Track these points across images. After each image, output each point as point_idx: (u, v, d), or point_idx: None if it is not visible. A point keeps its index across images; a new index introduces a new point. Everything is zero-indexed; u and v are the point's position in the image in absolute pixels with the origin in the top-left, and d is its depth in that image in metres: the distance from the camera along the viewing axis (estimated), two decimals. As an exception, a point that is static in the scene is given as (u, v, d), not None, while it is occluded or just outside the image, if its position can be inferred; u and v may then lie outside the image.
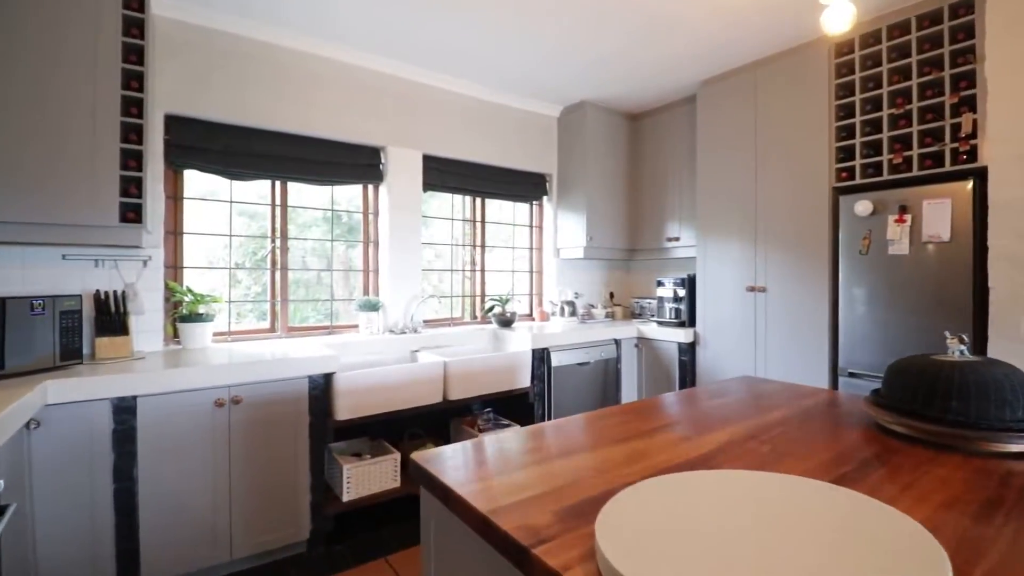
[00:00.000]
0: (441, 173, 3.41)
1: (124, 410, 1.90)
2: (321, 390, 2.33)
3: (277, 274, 2.95)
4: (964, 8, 2.28)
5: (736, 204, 3.14)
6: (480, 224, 3.77)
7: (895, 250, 2.46)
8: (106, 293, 2.27)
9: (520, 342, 3.14)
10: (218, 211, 2.80)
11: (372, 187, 3.25)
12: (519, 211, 4.02)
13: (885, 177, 2.51)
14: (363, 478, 2.49)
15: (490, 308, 3.55)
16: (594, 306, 4.01)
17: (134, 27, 2.13)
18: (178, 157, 2.53)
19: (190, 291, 2.52)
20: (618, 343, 3.50)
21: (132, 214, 2.13)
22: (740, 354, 3.11)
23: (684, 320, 3.48)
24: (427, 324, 3.39)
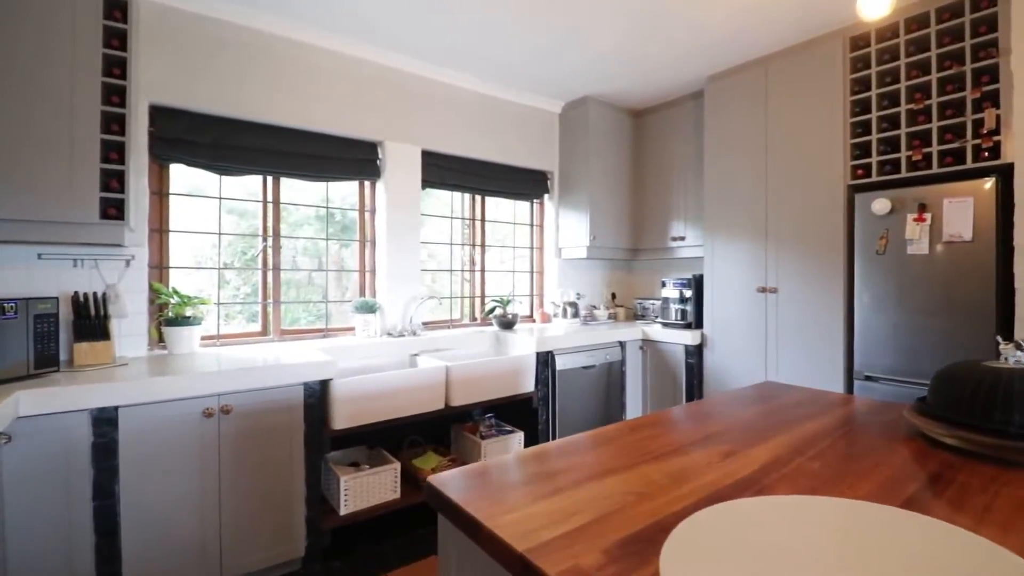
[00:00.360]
0: (440, 170, 3.29)
1: (104, 422, 1.75)
2: (317, 398, 2.20)
3: (269, 274, 2.80)
4: (986, 0, 2.21)
5: (746, 202, 3.06)
6: (480, 223, 3.65)
7: (914, 250, 2.38)
8: (85, 295, 2.11)
9: (523, 345, 3.02)
10: (206, 208, 2.65)
11: (369, 184, 3.11)
12: (519, 210, 3.91)
13: (903, 175, 2.43)
14: (361, 490, 2.35)
15: (491, 310, 3.43)
16: (596, 307, 3.91)
17: (116, 9, 1.99)
18: (164, 150, 2.38)
19: (176, 292, 2.38)
20: (623, 345, 3.40)
21: (113, 210, 1.98)
22: (750, 356, 3.02)
23: (690, 322, 3.38)
24: (425, 326, 3.27)
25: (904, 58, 2.43)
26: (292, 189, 2.89)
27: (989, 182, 2.18)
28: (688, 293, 3.40)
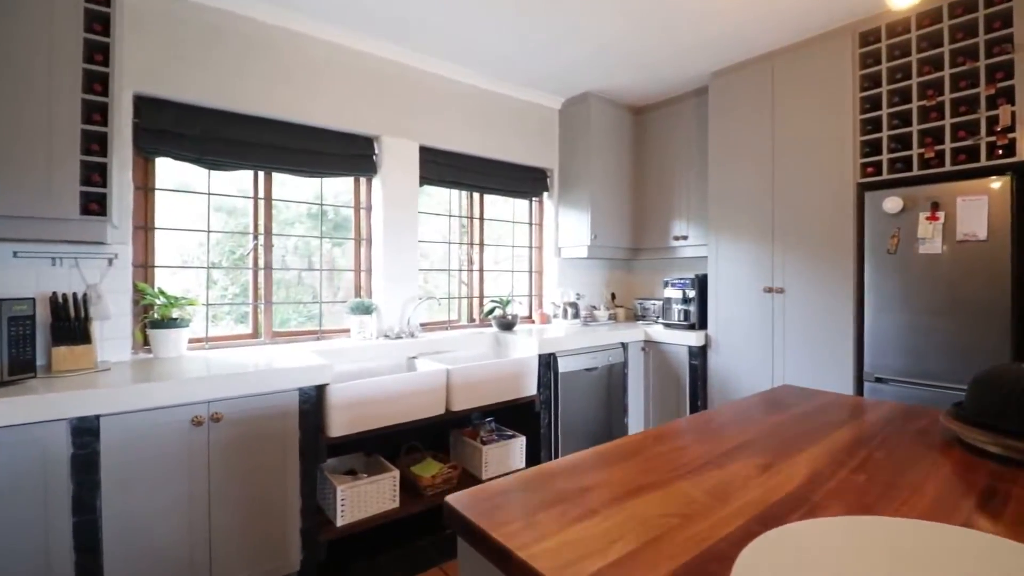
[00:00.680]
0: (438, 166, 3.19)
1: (85, 432, 1.63)
2: (313, 404, 2.09)
3: (260, 274, 2.68)
4: (1001, -6, 2.17)
5: (751, 201, 3.00)
6: (479, 221, 3.56)
7: (926, 249, 2.33)
8: (64, 296, 1.99)
9: (525, 347, 2.93)
10: (193, 205, 2.53)
11: (365, 180, 3.00)
12: (518, 208, 3.82)
13: (915, 172, 2.38)
14: (359, 499, 2.25)
15: (490, 310, 3.34)
16: (596, 308, 3.83)
17: (98, -9, 1.86)
18: (149, 142, 2.26)
19: (162, 293, 2.25)
20: (625, 347, 3.32)
21: (95, 205, 1.86)
22: (755, 358, 2.96)
23: (694, 322, 3.32)
24: (423, 328, 3.16)
25: (916, 54, 2.38)
26: (283, 187, 2.77)
27: (1004, 180, 2.14)
28: (691, 293, 3.34)
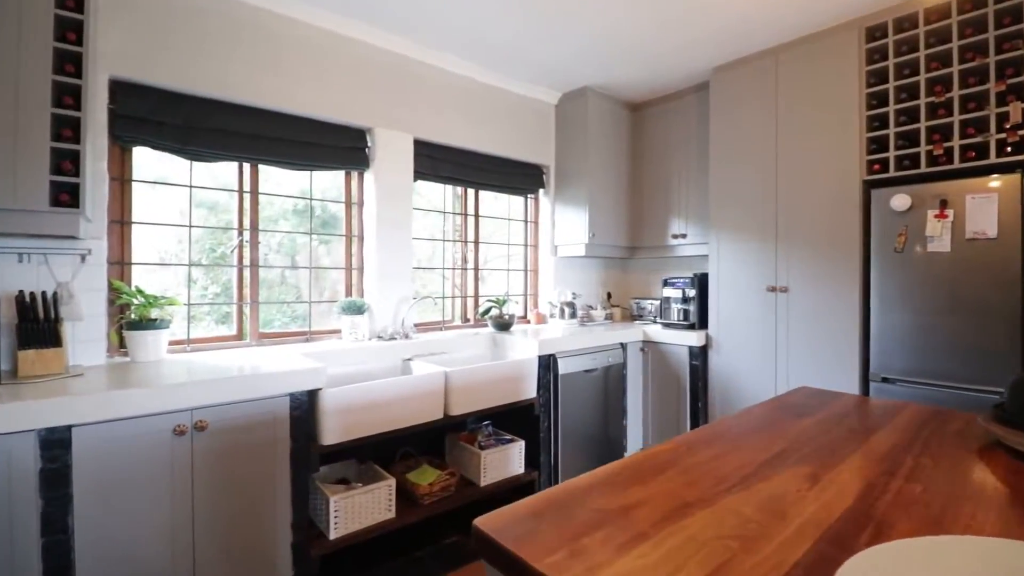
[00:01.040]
0: (433, 161, 3.07)
1: (55, 444, 1.49)
2: (305, 410, 1.97)
3: (245, 272, 2.54)
4: (1011, -10, 2.14)
5: (754, 198, 2.94)
6: (474, 218, 3.45)
7: (935, 247, 2.30)
8: (32, 295, 1.83)
9: (523, 348, 2.84)
10: (171, 200, 2.37)
11: (357, 174, 2.87)
12: (513, 205, 3.72)
13: (922, 170, 2.35)
14: (353, 510, 2.13)
15: (486, 310, 3.24)
16: (593, 307, 3.75)
17: (69, -37, 1.72)
18: (126, 130, 2.10)
19: (140, 292, 2.10)
20: (624, 347, 3.25)
21: (66, 196, 1.71)
22: (758, 358, 2.91)
23: (694, 322, 3.26)
24: (416, 328, 3.04)
25: (924, 50, 2.35)
26: (266, 182, 2.61)
27: (1014, 177, 2.11)
28: (691, 292, 3.28)
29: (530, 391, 2.71)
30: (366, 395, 2.10)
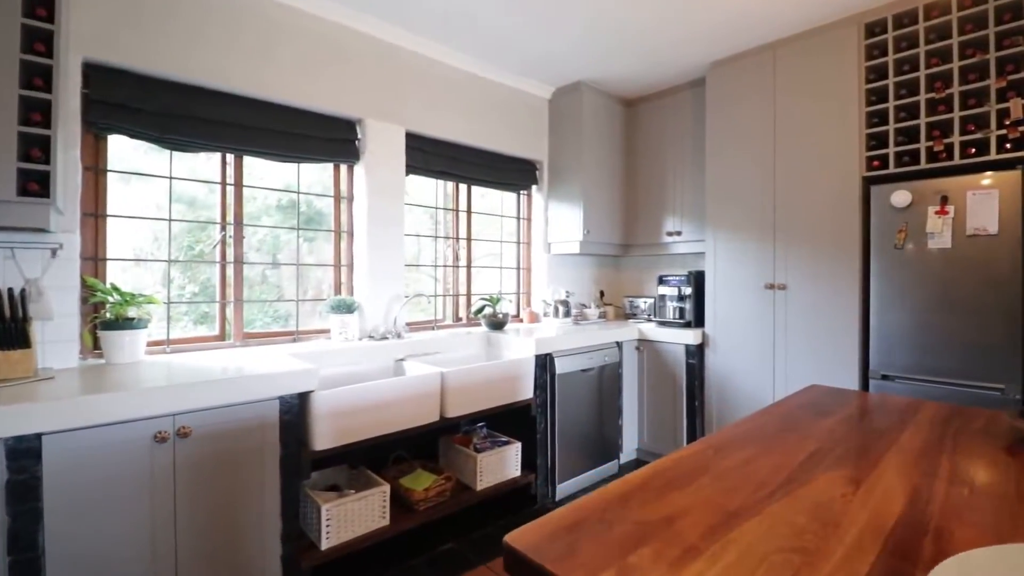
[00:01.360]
0: (425, 155, 2.97)
1: (23, 453, 1.36)
2: (295, 414, 1.86)
3: (228, 268, 2.41)
4: (1011, -13, 2.14)
5: (752, 195, 2.91)
6: (466, 214, 3.36)
7: (936, 244, 2.29)
8: (-3, 292, 1.69)
9: (519, 347, 2.76)
10: (149, 193, 2.24)
11: (346, 167, 2.76)
12: (505, 202, 3.64)
13: (923, 166, 2.34)
14: (345, 518, 2.03)
15: (480, 309, 3.15)
16: (586, 306, 3.70)
17: (38, -67, 1.58)
18: (101, 117, 1.97)
19: (116, 289, 1.97)
20: (620, 346, 3.20)
21: (35, 185, 1.58)
22: (756, 356, 2.88)
23: (690, 320, 3.22)
24: (408, 327, 2.94)
25: (924, 46, 2.34)
26: (249, 176, 2.48)
27: (1015, 174, 2.11)
28: (687, 290, 3.24)
29: (527, 391, 2.64)
30: (361, 397, 2.00)
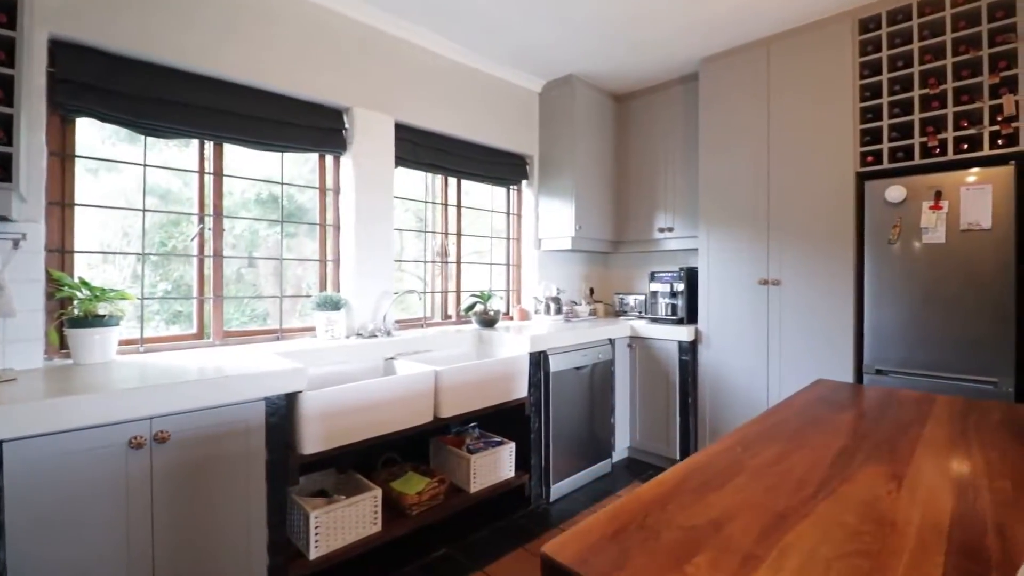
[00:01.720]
0: (415, 146, 2.88)
1: (-19, 463, 1.23)
2: (282, 416, 1.75)
3: (207, 264, 2.28)
4: (1003, -16, 2.16)
5: (745, 191, 2.90)
6: (455, 209, 3.27)
7: (930, 239, 2.30)
8: (-49, 286, 1.54)
9: (512, 345, 2.69)
10: (119, 185, 2.10)
11: (333, 158, 2.65)
12: (495, 197, 3.57)
13: (916, 161, 2.35)
14: (335, 526, 1.93)
15: (471, 306, 3.07)
16: (577, 303, 3.64)
17: None
18: (69, 98, 1.82)
19: (85, 284, 1.83)
20: (612, 343, 3.15)
21: (-5, 168, 1.44)
22: (750, 351, 2.87)
23: (682, 317, 3.20)
24: (397, 325, 2.84)
25: (917, 42, 2.35)
26: (227, 169, 2.35)
27: (1008, 169, 2.13)
28: (679, 287, 3.21)
29: (521, 390, 2.57)
30: (352, 398, 1.90)
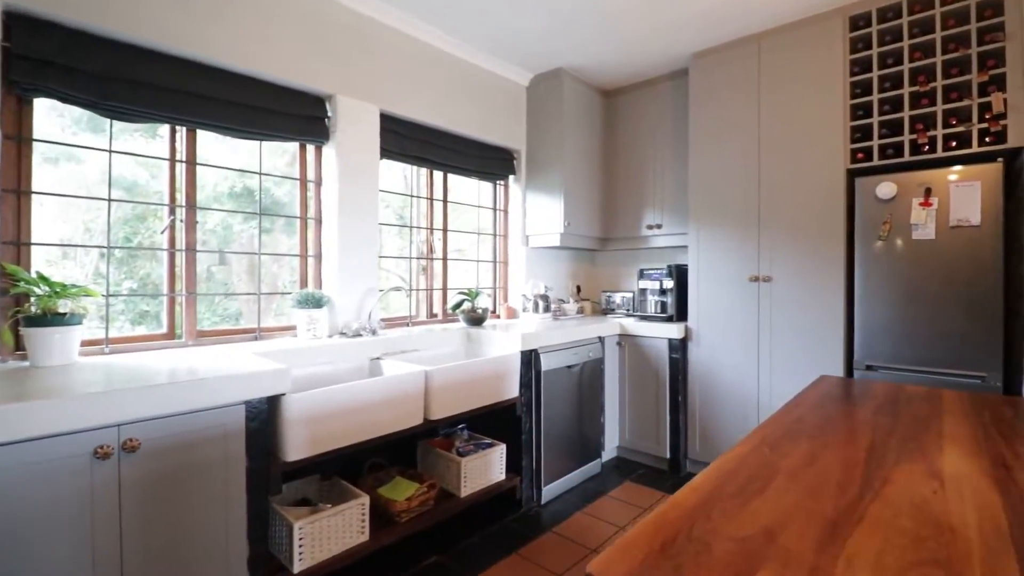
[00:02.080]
0: (400, 138, 2.77)
1: (-79, 478, 1.09)
2: (263, 421, 1.64)
3: (178, 258, 2.13)
4: (991, -16, 2.18)
5: (735, 188, 2.88)
6: (442, 204, 3.17)
7: (919, 235, 2.31)
8: None
9: (502, 343, 2.61)
10: (80, 176, 1.94)
11: (314, 148, 2.52)
12: (482, 191, 3.48)
13: (906, 158, 2.36)
14: (320, 536, 1.81)
15: (458, 304, 2.97)
16: (564, 301, 3.59)
17: None
18: (25, 75, 1.66)
19: (44, 279, 1.67)
20: (602, 341, 3.10)
21: (-62, 148, 1.29)
22: (740, 348, 2.85)
23: (672, 314, 3.17)
24: (383, 324, 2.73)
25: (907, 40, 2.36)
26: (200, 152, 2.21)
27: (996, 166, 2.15)
28: (668, 284, 3.18)
29: (512, 390, 2.49)
30: (339, 400, 1.79)
